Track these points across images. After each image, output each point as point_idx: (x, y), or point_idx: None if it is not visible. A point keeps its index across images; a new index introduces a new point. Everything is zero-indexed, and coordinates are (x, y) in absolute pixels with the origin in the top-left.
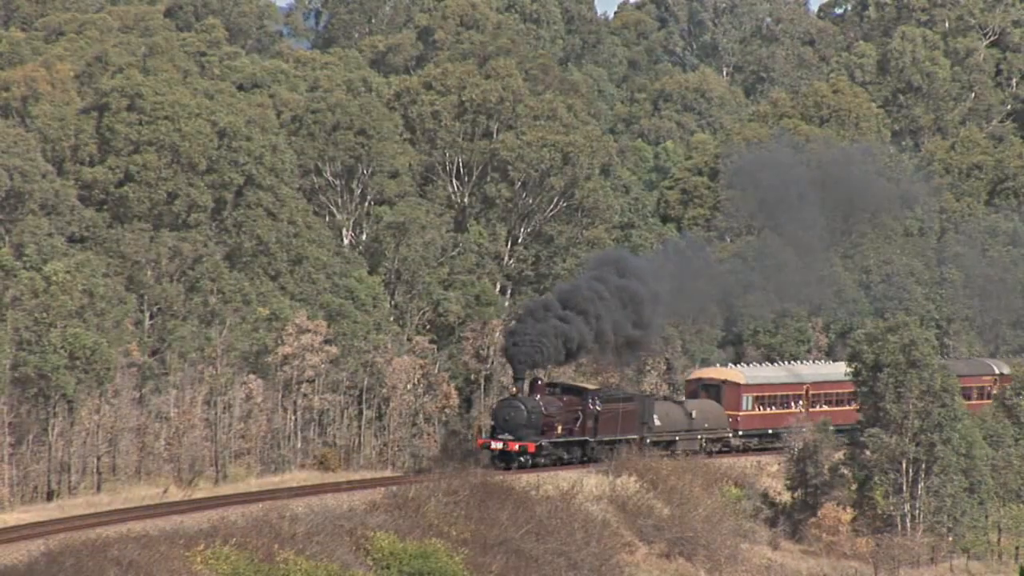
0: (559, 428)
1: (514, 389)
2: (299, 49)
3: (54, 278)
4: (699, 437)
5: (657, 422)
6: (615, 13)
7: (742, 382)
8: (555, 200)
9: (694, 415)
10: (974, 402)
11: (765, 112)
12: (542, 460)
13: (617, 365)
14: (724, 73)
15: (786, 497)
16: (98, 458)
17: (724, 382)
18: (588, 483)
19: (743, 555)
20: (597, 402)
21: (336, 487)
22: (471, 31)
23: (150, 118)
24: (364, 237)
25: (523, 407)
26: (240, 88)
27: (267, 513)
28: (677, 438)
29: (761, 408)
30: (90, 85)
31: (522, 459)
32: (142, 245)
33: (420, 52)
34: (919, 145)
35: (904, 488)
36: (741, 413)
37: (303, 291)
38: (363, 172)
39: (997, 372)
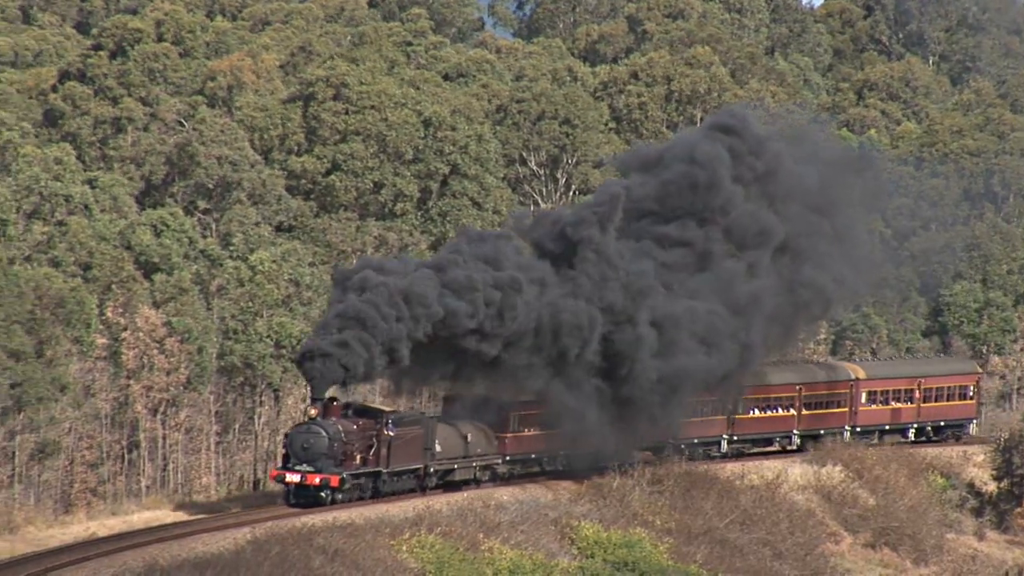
0: (357, 457)
1: (313, 411)
2: (502, 38)
3: (260, 267)
4: (474, 464)
5: (438, 448)
6: (821, 2)
7: (509, 399)
8: None
9: (469, 438)
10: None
11: (969, 101)
12: (340, 496)
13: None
14: (930, 62)
15: (992, 487)
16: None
17: (490, 399)
18: (793, 472)
19: (949, 545)
20: (391, 426)
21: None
22: (678, 21)
23: (356, 108)
24: None
25: (324, 433)
26: (445, 78)
27: (472, 502)
28: (456, 466)
29: (527, 429)
30: (295, 75)
31: (323, 494)
32: (348, 234)
33: (629, 44)
34: None
35: None
36: (509, 435)
37: None
38: (567, 162)
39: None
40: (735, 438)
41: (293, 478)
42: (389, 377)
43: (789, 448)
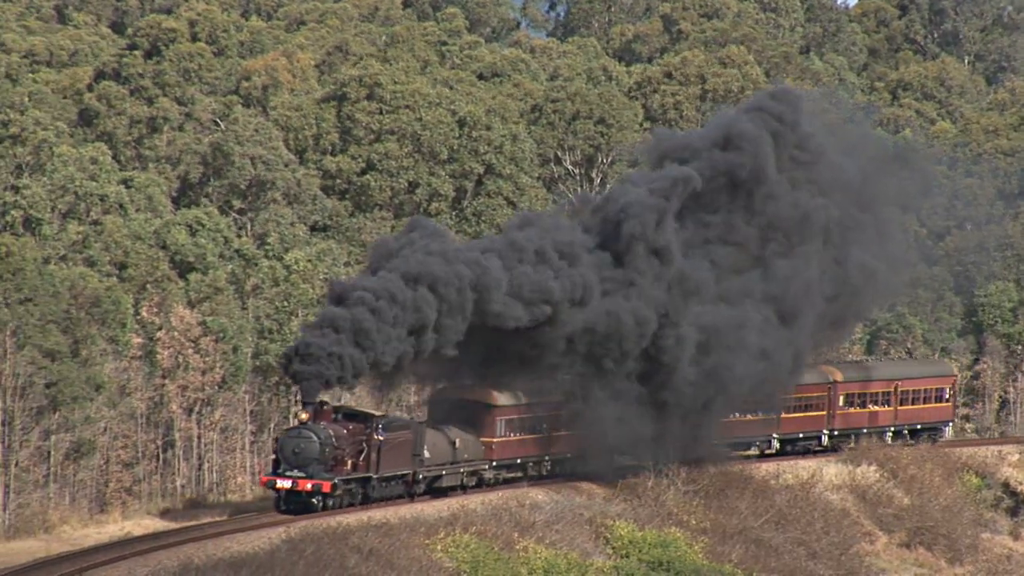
0: (348, 462)
1: (304, 415)
2: (536, 38)
3: (295, 267)
4: (461, 471)
5: (427, 454)
6: (856, 1)
7: (497, 403)
8: None
9: (457, 444)
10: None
11: (1004, 100)
12: (331, 502)
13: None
14: (965, 62)
15: None
16: None
17: (476, 403)
18: (828, 472)
19: (983, 545)
20: (381, 430)
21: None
22: (712, 20)
23: (390, 107)
24: None
25: (316, 438)
26: (480, 77)
27: (507, 501)
28: (444, 472)
29: (513, 434)
30: (330, 74)
31: (315, 500)
32: (383, 234)
33: (664, 44)
34: None
35: None
36: (496, 440)
37: None
38: (602, 161)
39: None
40: (716, 442)
41: (284, 484)
42: (418, 372)
43: (768, 452)
